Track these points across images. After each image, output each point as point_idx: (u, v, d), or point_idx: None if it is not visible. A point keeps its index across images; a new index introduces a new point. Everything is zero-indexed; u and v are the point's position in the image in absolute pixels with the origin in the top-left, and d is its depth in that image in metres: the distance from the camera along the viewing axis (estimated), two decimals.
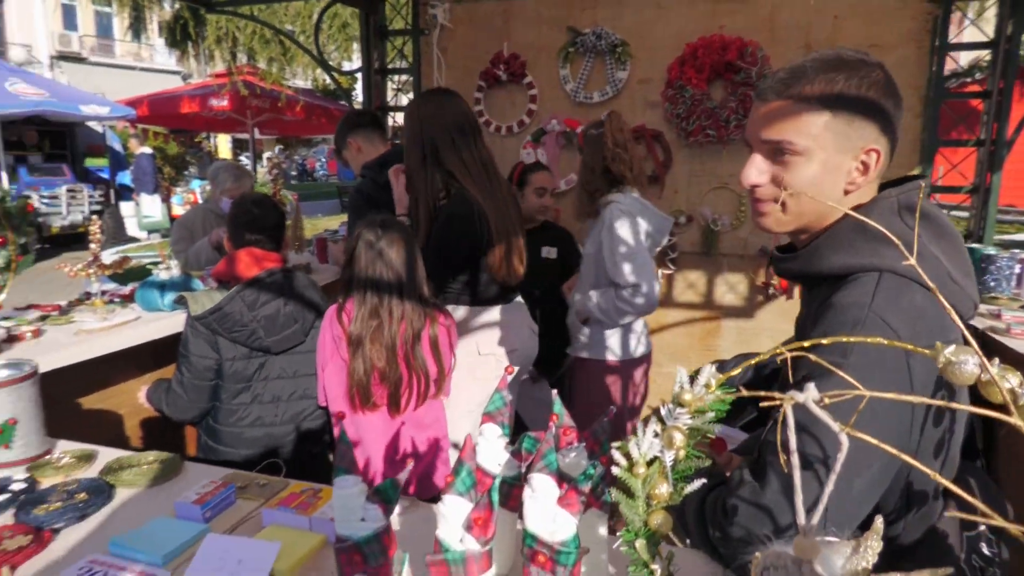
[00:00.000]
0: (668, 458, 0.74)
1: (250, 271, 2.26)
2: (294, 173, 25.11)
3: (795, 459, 0.60)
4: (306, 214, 11.47)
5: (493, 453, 0.99)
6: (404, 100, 4.45)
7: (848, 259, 1.06)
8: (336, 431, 2.02)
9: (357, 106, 4.99)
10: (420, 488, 2.06)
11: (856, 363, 0.96)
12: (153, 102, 13.53)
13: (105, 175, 13.91)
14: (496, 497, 0.87)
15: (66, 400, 2.42)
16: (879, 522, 0.56)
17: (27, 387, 1.36)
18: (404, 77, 4.40)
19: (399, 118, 4.57)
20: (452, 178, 2.27)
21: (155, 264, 3.06)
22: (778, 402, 0.58)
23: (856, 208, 1.07)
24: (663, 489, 0.74)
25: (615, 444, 0.77)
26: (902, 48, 3.40)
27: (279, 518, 1.12)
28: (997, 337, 2.27)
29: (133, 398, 2.53)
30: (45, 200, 11.55)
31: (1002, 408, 0.61)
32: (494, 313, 2.40)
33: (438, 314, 2.04)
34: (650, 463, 0.75)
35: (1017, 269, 2.78)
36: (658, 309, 2.67)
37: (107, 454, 1.41)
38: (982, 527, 1.19)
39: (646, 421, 0.78)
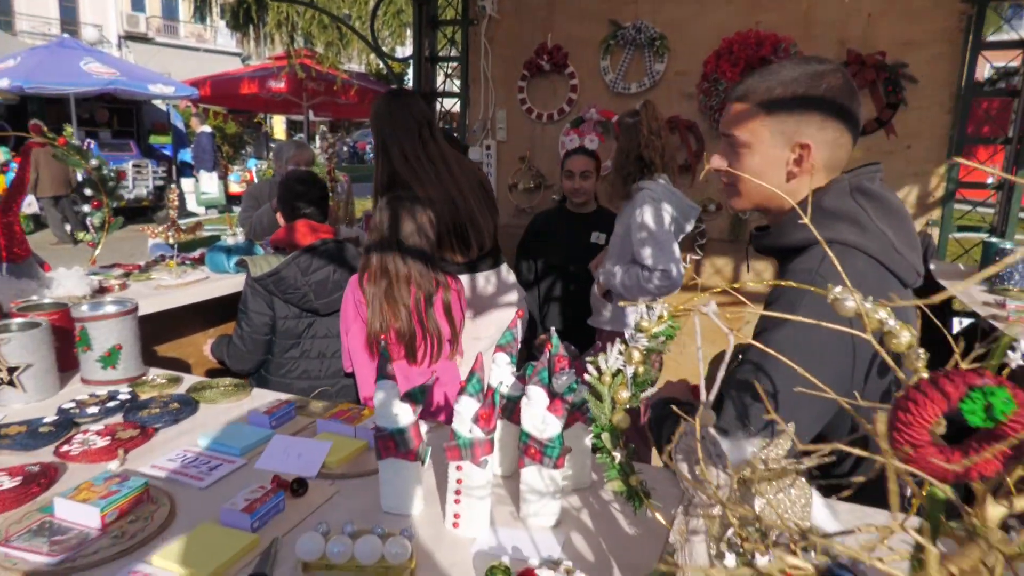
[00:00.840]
0: (629, 371, 0.96)
1: (305, 240, 2.54)
2: (346, 155, 25.69)
3: (722, 372, 0.82)
4: (357, 194, 11.85)
5: (502, 376, 1.22)
6: (452, 87, 4.70)
7: (806, 233, 1.26)
8: (361, 387, 2.26)
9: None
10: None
11: (804, 314, 1.16)
12: (215, 83, 14.12)
13: (168, 152, 14.58)
14: (498, 398, 1.11)
15: (145, 347, 2.74)
16: (791, 427, 0.76)
17: (129, 320, 1.66)
18: (453, 65, 4.64)
19: (447, 103, 4.82)
20: (395, 171, 2.51)
21: (222, 232, 3.38)
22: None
23: (815, 191, 1.27)
24: (624, 394, 0.96)
25: (588, 359, 0.99)
26: (935, 46, 3.48)
27: (330, 427, 1.38)
28: (997, 324, 2.40)
29: (199, 349, 2.85)
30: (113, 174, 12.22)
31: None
32: (462, 280, 2.65)
33: (449, 280, 2.24)
34: (615, 374, 0.97)
35: None
36: (686, 293, 2.87)
37: (190, 379, 1.69)
38: None
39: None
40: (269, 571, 0.95)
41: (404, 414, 1.07)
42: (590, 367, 0.98)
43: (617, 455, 0.97)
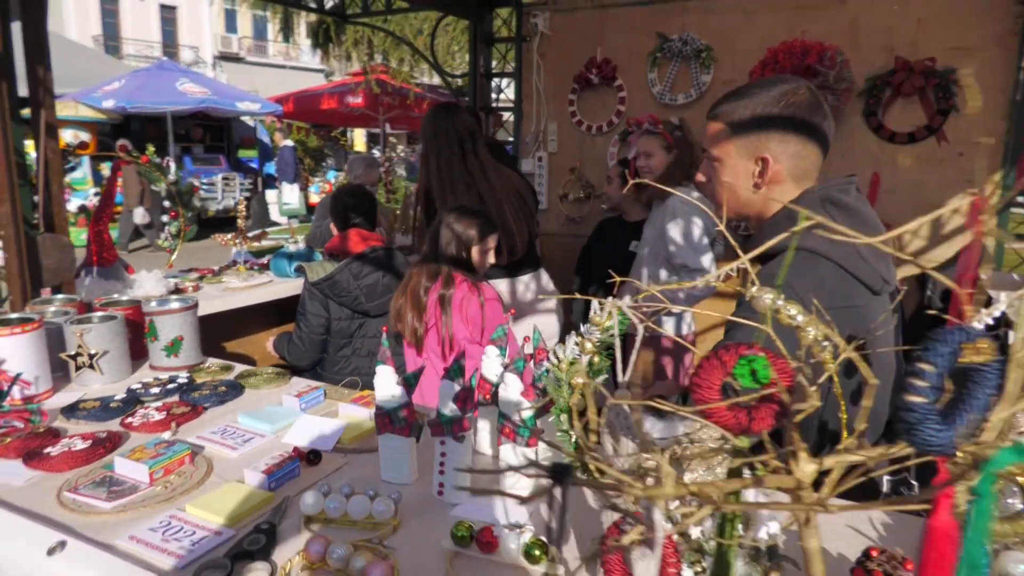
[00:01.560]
0: (584, 360, 1.10)
1: (357, 247, 2.76)
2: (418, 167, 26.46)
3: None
4: None
5: (492, 367, 1.38)
6: (507, 102, 4.89)
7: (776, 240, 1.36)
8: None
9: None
10: None
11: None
12: (297, 99, 14.89)
13: (254, 165, 15.47)
14: (474, 384, 1.26)
15: (215, 342, 3.04)
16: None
17: (190, 315, 1.90)
18: (506, 80, 4.83)
19: (504, 116, 5.02)
20: (430, 181, 2.73)
21: (286, 241, 3.68)
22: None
23: (791, 201, 1.37)
24: (580, 380, 1.10)
25: (551, 348, 1.13)
26: (987, 50, 3.42)
27: (349, 410, 1.56)
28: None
29: (263, 347, 3.13)
30: (204, 187, 13.07)
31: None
32: (501, 285, 2.83)
33: (464, 285, 2.30)
34: (572, 363, 1.11)
35: None
36: (709, 300, 2.96)
37: (240, 367, 1.93)
38: (904, 473, 1.44)
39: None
40: (277, 522, 1.14)
41: (398, 395, 1.24)
42: (551, 356, 1.12)
43: (573, 433, 1.11)
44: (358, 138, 27.40)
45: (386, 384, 1.24)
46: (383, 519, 1.12)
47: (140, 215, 8.56)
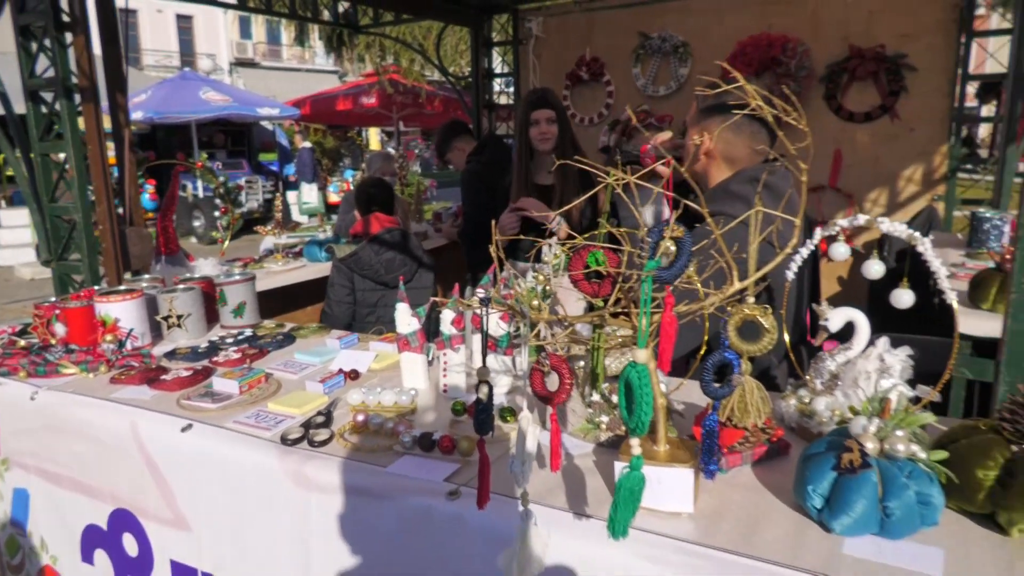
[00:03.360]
0: (539, 288, 1.59)
1: (376, 229, 3.27)
2: (435, 162, 26.96)
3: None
4: (445, 198, 12.77)
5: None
6: (504, 99, 5.37)
7: (713, 207, 1.84)
8: None
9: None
10: None
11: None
12: (314, 102, 15.45)
13: (275, 168, 16.08)
14: (467, 314, 1.76)
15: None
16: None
17: (251, 284, 2.42)
18: (505, 79, 5.31)
19: (502, 114, 5.50)
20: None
21: (315, 230, 4.20)
22: None
23: (727, 178, 1.86)
24: (536, 302, 1.59)
25: (528, 277, 1.62)
26: (931, 36, 3.83)
27: (379, 346, 2.07)
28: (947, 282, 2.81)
29: (302, 322, 3.65)
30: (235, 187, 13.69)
31: None
32: None
33: None
34: (531, 289, 1.60)
35: (1007, 228, 3.22)
36: None
37: (290, 325, 2.44)
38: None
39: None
40: (333, 409, 1.64)
41: (412, 323, 1.74)
42: (514, 286, 1.62)
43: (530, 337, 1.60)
44: (373, 137, 28.01)
45: (403, 316, 1.74)
46: (407, 405, 1.62)
47: None
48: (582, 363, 1.45)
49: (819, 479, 1.09)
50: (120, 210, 2.81)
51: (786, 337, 1.52)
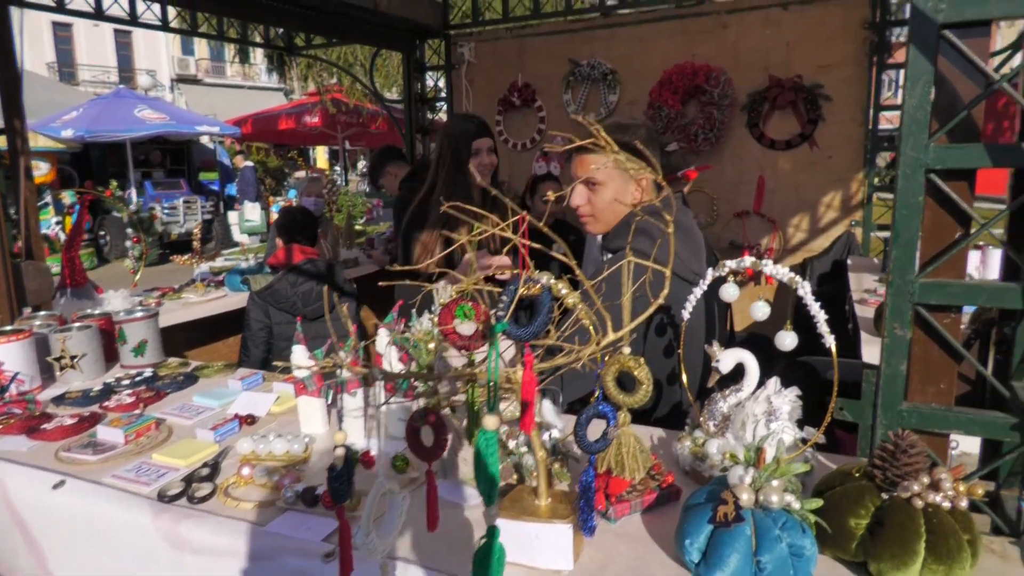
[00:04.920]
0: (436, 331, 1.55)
1: (295, 260, 3.19)
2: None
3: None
4: (385, 219, 12.63)
5: (382, 342, 1.82)
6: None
7: (619, 242, 1.83)
8: None
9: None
10: None
11: (607, 289, 1.73)
12: (256, 121, 15.20)
13: (215, 187, 15.69)
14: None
15: (178, 351, 3.44)
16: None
17: (152, 321, 2.31)
18: (439, 104, 5.30)
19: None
20: None
21: (238, 259, 4.09)
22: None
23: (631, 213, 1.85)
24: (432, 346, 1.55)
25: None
26: (845, 68, 3.97)
27: (281, 387, 1.99)
28: (856, 307, 2.89)
29: (222, 355, 3.53)
30: (166, 211, 13.27)
31: None
32: None
33: None
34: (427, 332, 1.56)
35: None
36: None
37: (195, 363, 2.34)
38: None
39: None
40: (221, 460, 1.57)
41: (308, 366, 1.68)
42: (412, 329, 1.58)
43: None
44: (321, 156, 27.66)
45: (299, 358, 1.68)
46: (299, 455, 1.55)
47: None
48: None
49: (696, 532, 1.07)
50: (18, 243, 2.67)
51: (684, 377, 1.52)
